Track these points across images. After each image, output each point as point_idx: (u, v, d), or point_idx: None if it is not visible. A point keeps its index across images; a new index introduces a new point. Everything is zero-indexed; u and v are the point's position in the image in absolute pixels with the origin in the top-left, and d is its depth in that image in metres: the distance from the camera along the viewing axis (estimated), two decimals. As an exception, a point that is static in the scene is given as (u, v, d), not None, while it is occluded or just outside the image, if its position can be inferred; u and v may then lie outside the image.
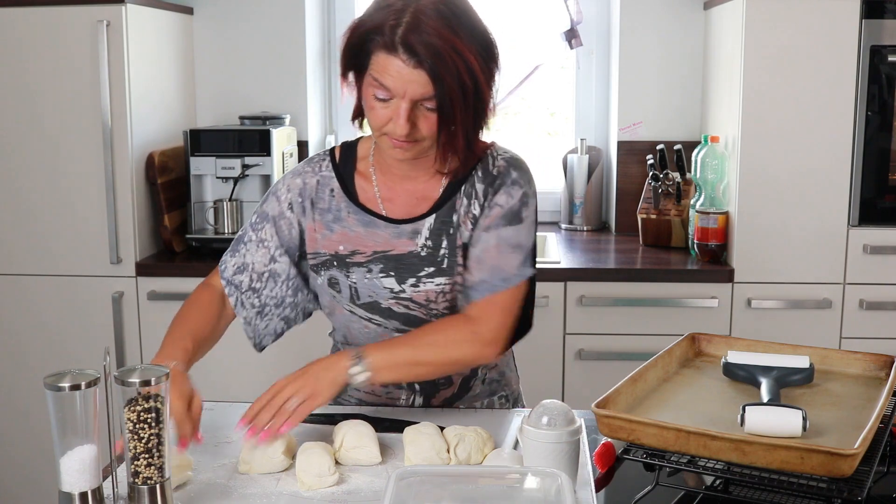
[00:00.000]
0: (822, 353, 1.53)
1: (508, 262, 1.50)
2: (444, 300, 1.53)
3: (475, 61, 1.38)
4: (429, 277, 1.52)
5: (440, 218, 1.53)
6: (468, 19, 1.41)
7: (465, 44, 1.37)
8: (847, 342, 2.67)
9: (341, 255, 1.55)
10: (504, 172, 1.54)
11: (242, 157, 2.84)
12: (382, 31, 1.36)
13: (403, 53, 1.35)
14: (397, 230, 1.54)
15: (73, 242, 2.75)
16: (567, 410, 1.26)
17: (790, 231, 2.66)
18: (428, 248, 1.52)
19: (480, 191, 1.53)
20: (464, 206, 1.53)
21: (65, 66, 2.68)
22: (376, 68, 1.39)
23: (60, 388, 1.11)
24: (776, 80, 2.61)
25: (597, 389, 1.42)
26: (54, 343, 2.79)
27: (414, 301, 1.53)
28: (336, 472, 1.30)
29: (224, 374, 2.76)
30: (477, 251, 1.51)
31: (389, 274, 1.53)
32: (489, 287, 1.50)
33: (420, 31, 1.35)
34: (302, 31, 3.16)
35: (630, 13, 3.12)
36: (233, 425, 1.52)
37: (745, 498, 1.25)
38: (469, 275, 1.52)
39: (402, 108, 1.38)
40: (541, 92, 3.45)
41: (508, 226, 1.51)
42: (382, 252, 1.53)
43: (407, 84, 1.37)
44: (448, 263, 1.52)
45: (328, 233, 1.56)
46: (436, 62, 1.35)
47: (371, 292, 1.54)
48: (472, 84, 1.39)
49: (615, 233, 3.21)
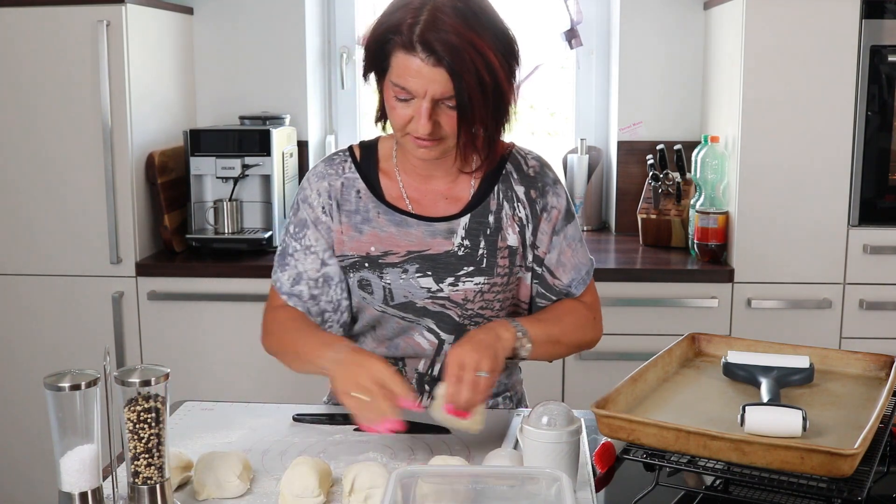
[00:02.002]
0: (822, 353, 1.53)
1: (581, 256, 1.62)
2: (481, 300, 1.54)
3: (494, 58, 1.38)
4: (468, 277, 1.52)
5: (475, 218, 1.54)
6: (486, 16, 1.40)
7: (483, 41, 1.37)
8: (847, 342, 2.67)
9: (373, 256, 1.53)
10: (541, 173, 1.58)
11: (242, 157, 2.84)
12: (400, 31, 1.36)
13: (422, 52, 1.35)
14: (431, 229, 1.53)
15: (73, 242, 2.75)
16: (567, 410, 1.26)
17: (790, 231, 2.66)
18: (465, 247, 1.53)
19: (521, 193, 1.55)
20: (505, 209, 1.54)
21: (65, 66, 2.68)
22: (396, 69, 1.38)
23: (60, 388, 1.11)
24: (776, 80, 2.61)
25: (597, 389, 1.42)
26: (54, 343, 2.79)
27: (451, 300, 1.53)
28: (321, 494, 1.22)
29: (224, 373, 2.76)
30: (554, 256, 1.58)
31: (427, 274, 1.52)
32: (581, 282, 1.60)
33: (438, 28, 1.34)
34: (302, 31, 3.17)
35: (630, 13, 3.12)
36: (233, 425, 1.52)
37: (745, 498, 1.25)
38: (557, 280, 1.58)
39: (424, 107, 1.38)
40: (541, 92, 3.45)
41: (569, 224, 1.59)
42: (417, 252, 1.52)
43: (427, 83, 1.36)
44: (487, 263, 1.53)
45: (357, 234, 1.54)
46: (454, 60, 1.34)
47: (406, 293, 1.53)
48: (492, 81, 1.38)
49: (615, 233, 3.21)
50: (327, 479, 1.27)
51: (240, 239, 2.85)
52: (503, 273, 1.54)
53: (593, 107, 3.35)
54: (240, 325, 2.73)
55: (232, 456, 1.28)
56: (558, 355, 1.59)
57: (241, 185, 2.90)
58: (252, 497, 1.27)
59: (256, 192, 2.95)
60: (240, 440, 1.46)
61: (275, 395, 2.62)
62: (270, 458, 1.40)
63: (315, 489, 1.22)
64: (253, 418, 1.55)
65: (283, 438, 1.47)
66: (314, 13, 3.25)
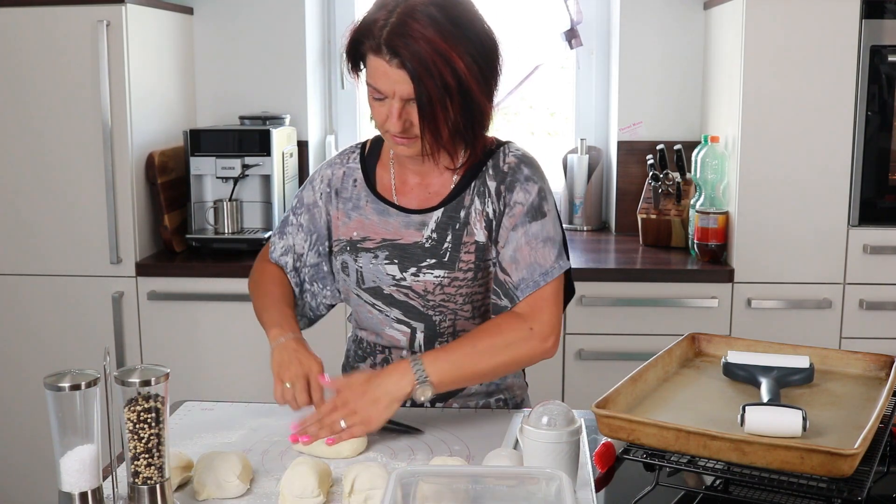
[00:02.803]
0: (822, 353, 1.53)
1: (543, 256, 1.53)
2: (441, 293, 1.56)
3: (462, 63, 1.40)
4: (429, 269, 1.56)
5: (447, 212, 1.57)
6: (463, 21, 1.42)
7: (451, 46, 1.39)
8: (847, 342, 2.67)
9: (354, 240, 1.61)
10: (515, 169, 1.58)
11: (242, 157, 2.84)
12: (371, 33, 1.41)
13: (387, 54, 1.40)
14: (407, 220, 1.58)
15: (73, 242, 2.75)
16: (567, 410, 1.26)
17: (790, 231, 2.66)
18: (432, 240, 1.56)
19: (493, 189, 1.57)
20: (475, 204, 1.56)
21: (65, 66, 2.68)
22: (369, 70, 1.45)
23: (60, 388, 1.11)
24: (776, 80, 2.61)
25: (597, 389, 1.42)
26: (54, 343, 2.79)
27: (413, 290, 1.57)
28: (321, 495, 1.22)
29: (224, 373, 2.76)
30: (509, 251, 1.53)
31: (393, 262, 1.57)
32: (532, 284, 1.52)
33: (404, 33, 1.38)
34: (302, 31, 3.17)
35: (630, 13, 3.12)
36: (233, 425, 1.52)
37: (745, 498, 1.25)
38: (508, 276, 1.53)
39: (394, 106, 1.44)
40: (541, 92, 3.45)
41: (534, 221, 1.54)
42: (391, 240, 1.58)
43: (393, 84, 1.42)
44: (450, 258, 1.55)
45: (347, 220, 1.63)
46: (414, 65, 1.38)
47: (375, 277, 1.58)
48: (458, 85, 1.41)
49: (615, 233, 3.21)
50: (327, 480, 1.27)
51: (240, 239, 2.85)
52: (466, 269, 1.55)
53: (593, 107, 3.35)
54: (240, 325, 2.73)
55: (232, 456, 1.29)
56: (490, 379, 1.61)
57: (241, 185, 2.90)
58: (252, 497, 1.27)
59: (256, 192, 2.95)
60: (240, 440, 1.47)
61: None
62: (270, 458, 1.40)
63: (315, 489, 1.22)
64: (253, 418, 1.56)
65: (283, 438, 1.47)
66: (314, 13, 3.25)
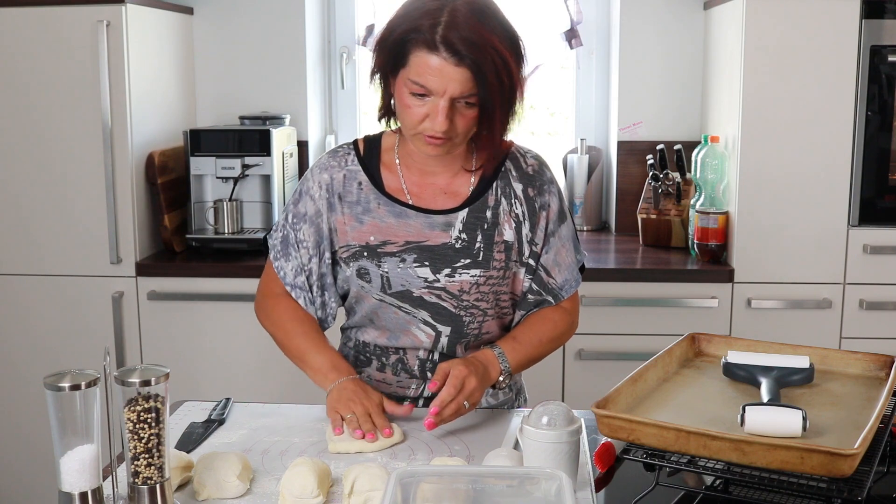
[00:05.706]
0: (822, 353, 1.53)
1: (573, 255, 1.66)
2: (477, 291, 1.57)
3: (510, 57, 1.42)
4: (465, 269, 1.56)
5: (473, 213, 1.58)
6: (498, 17, 1.45)
7: (505, 45, 1.42)
8: (847, 342, 2.67)
9: (372, 245, 1.57)
10: (539, 171, 1.62)
11: (242, 157, 2.84)
12: (421, 31, 1.39)
13: (445, 52, 1.39)
14: (429, 221, 1.57)
15: (73, 242, 2.75)
16: (567, 410, 1.26)
17: (790, 231, 2.66)
18: (463, 240, 1.56)
19: (519, 190, 1.59)
20: (502, 205, 1.59)
21: (65, 66, 2.68)
22: (415, 67, 1.41)
23: (60, 388, 1.11)
24: (776, 80, 2.61)
25: (597, 389, 1.42)
26: (54, 343, 2.79)
27: (447, 291, 1.56)
28: (320, 495, 1.22)
29: (224, 373, 2.76)
30: (551, 256, 1.62)
31: (424, 264, 1.56)
32: (574, 283, 1.66)
33: (459, 28, 1.38)
34: (302, 31, 3.16)
35: (630, 13, 3.12)
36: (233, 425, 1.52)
37: (745, 498, 1.25)
38: (552, 278, 1.63)
39: (442, 105, 1.42)
40: (541, 92, 3.45)
41: (563, 224, 1.64)
42: (416, 242, 1.57)
43: (448, 82, 1.40)
44: (484, 256, 1.57)
45: (358, 224, 1.59)
46: (477, 58, 1.38)
47: (404, 281, 1.57)
48: (508, 80, 1.43)
49: (615, 233, 3.21)
50: (327, 480, 1.27)
51: (240, 239, 2.85)
52: (499, 267, 1.58)
53: (593, 107, 3.35)
54: (240, 325, 2.73)
55: (232, 456, 1.29)
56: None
57: (240, 185, 2.90)
58: (252, 497, 1.27)
59: (256, 192, 2.95)
60: (240, 440, 1.47)
61: (275, 395, 2.62)
62: (270, 458, 1.40)
63: (314, 490, 1.22)
64: (253, 418, 1.56)
65: (283, 438, 1.47)
66: (314, 13, 3.25)
